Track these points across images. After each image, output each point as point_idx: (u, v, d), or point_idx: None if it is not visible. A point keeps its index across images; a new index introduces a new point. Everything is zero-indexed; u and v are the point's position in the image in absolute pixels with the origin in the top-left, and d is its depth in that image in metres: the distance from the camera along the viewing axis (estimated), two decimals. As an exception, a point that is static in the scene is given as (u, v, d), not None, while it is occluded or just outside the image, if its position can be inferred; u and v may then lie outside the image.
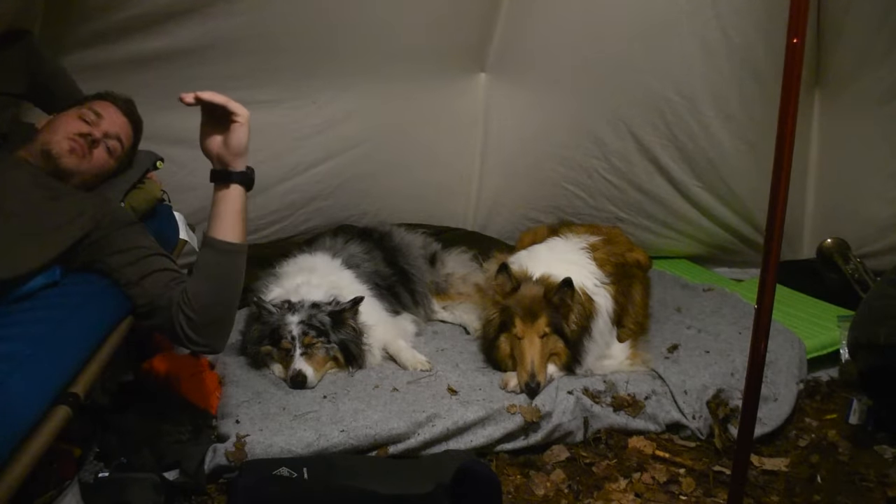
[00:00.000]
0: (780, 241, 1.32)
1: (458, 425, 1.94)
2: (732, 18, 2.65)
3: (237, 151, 1.50)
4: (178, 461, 1.79)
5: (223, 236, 1.53)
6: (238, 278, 1.58)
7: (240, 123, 1.49)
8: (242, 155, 1.52)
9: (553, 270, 2.21)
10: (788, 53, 1.23)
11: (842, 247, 3.00)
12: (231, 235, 1.53)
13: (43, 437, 1.21)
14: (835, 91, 2.99)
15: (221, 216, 1.53)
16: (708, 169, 3.01)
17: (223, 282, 1.56)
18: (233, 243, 1.53)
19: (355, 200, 3.07)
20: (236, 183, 1.53)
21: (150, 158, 2.04)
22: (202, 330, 1.56)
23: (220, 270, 1.55)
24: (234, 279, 1.57)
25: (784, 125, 1.25)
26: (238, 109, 1.48)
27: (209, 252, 1.54)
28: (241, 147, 1.51)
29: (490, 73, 3.05)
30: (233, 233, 1.53)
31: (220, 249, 1.53)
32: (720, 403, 2.12)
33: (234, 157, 1.51)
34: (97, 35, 2.25)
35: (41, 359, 1.31)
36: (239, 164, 1.52)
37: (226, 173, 1.52)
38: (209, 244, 1.54)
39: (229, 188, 1.52)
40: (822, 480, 1.92)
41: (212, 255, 1.54)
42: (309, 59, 2.65)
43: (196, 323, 1.54)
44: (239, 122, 1.48)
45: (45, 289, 1.54)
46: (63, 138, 1.71)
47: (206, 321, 1.55)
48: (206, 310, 1.54)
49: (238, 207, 1.53)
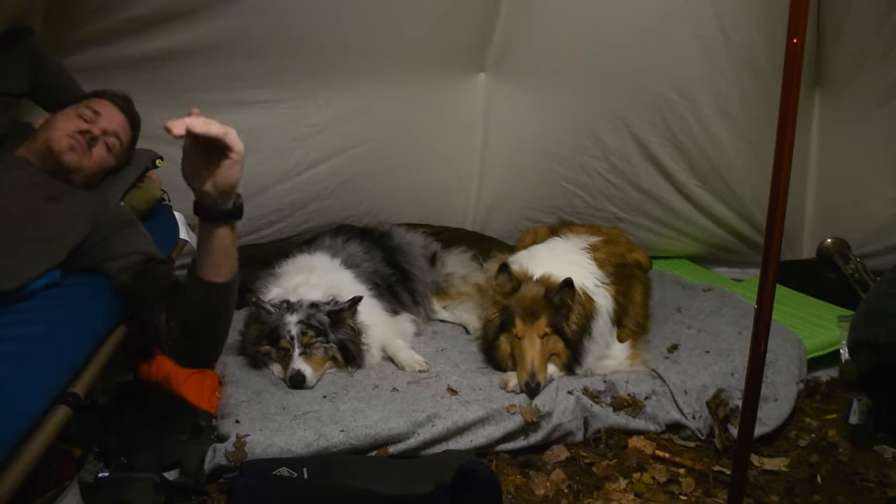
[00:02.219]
0: (780, 241, 1.32)
1: (458, 425, 1.94)
2: (732, 18, 2.65)
3: (227, 190, 1.30)
4: (178, 461, 1.79)
5: (208, 276, 1.41)
6: (223, 311, 1.50)
7: (233, 161, 1.27)
8: (232, 194, 1.32)
9: (553, 270, 2.21)
10: (788, 53, 1.23)
11: (842, 247, 3.00)
12: (215, 275, 1.41)
13: (43, 437, 1.21)
14: (835, 91, 2.99)
15: (206, 254, 1.40)
16: (708, 169, 3.01)
17: (206, 315, 1.49)
18: (216, 283, 1.42)
19: (355, 200, 3.07)
20: (223, 224, 1.36)
21: (150, 157, 2.04)
22: (183, 353, 1.55)
23: (203, 305, 1.47)
24: (219, 313, 1.50)
25: (784, 125, 1.25)
26: (235, 145, 1.25)
27: (193, 285, 1.44)
28: (233, 186, 1.30)
29: (490, 73, 3.05)
30: (217, 272, 1.41)
31: (203, 287, 1.43)
32: (720, 403, 2.12)
33: (223, 196, 1.31)
34: (97, 35, 2.26)
35: (41, 359, 1.31)
36: (226, 203, 1.33)
37: (213, 213, 1.33)
38: (193, 279, 1.43)
39: (215, 228, 1.36)
40: (822, 480, 1.92)
41: (195, 291, 1.44)
42: (309, 60, 2.65)
43: (178, 345, 1.53)
44: (233, 160, 1.27)
45: (45, 289, 1.53)
46: (63, 136, 1.71)
47: (187, 346, 1.54)
48: (188, 336, 1.51)
49: (225, 244, 1.39)
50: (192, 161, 1.28)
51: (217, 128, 1.23)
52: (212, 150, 1.26)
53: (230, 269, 1.43)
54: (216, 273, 1.41)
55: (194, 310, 1.48)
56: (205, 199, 1.32)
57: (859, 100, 2.90)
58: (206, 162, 1.27)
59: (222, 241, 1.39)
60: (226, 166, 1.27)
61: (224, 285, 1.43)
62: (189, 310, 1.48)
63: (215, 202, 1.32)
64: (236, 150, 1.26)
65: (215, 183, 1.29)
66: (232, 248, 1.41)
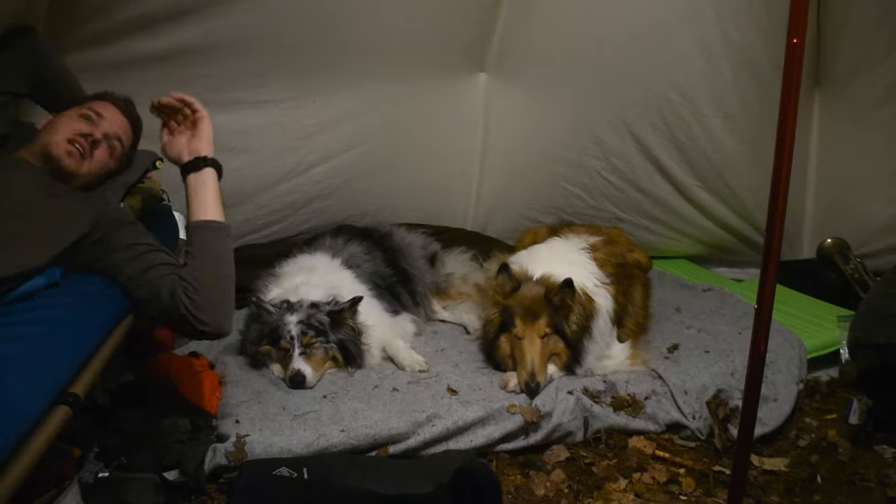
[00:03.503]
0: (780, 241, 1.32)
1: (458, 425, 1.94)
2: (732, 18, 2.65)
3: (206, 139, 1.64)
4: (178, 461, 1.79)
5: (206, 216, 1.60)
6: (229, 257, 1.63)
7: (204, 117, 1.64)
8: (210, 143, 1.64)
9: (553, 270, 2.21)
10: (788, 53, 1.23)
11: (842, 247, 3.00)
12: (213, 215, 1.61)
13: (43, 437, 1.21)
14: (835, 91, 2.99)
15: (202, 201, 1.61)
16: (708, 169, 3.01)
17: (218, 259, 1.60)
18: (219, 222, 1.61)
19: (355, 200, 3.07)
20: (210, 167, 1.62)
21: (150, 158, 2.04)
22: (207, 310, 1.56)
23: (213, 248, 1.59)
24: (227, 257, 1.62)
25: (784, 125, 1.25)
26: (199, 106, 1.64)
27: (199, 233, 1.60)
28: (210, 136, 1.64)
29: (490, 73, 3.05)
30: (214, 212, 1.61)
31: (209, 229, 1.60)
32: (720, 403, 2.12)
33: (204, 146, 1.63)
34: (99, 35, 2.26)
35: (41, 359, 1.31)
36: (208, 150, 1.63)
37: (199, 159, 1.62)
38: (198, 227, 1.60)
39: (203, 172, 1.62)
40: (822, 480, 1.92)
41: (203, 236, 1.60)
42: (309, 59, 2.65)
43: (200, 304, 1.55)
44: (204, 117, 1.63)
45: (45, 289, 1.54)
46: (63, 139, 1.71)
47: (209, 300, 1.56)
48: (207, 289, 1.56)
49: (215, 189, 1.63)
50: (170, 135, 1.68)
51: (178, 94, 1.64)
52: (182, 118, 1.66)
53: (222, 214, 1.64)
54: (213, 213, 1.61)
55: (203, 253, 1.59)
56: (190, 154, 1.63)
57: (859, 100, 2.90)
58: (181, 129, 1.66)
59: (212, 187, 1.62)
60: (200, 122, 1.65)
61: (222, 224, 1.62)
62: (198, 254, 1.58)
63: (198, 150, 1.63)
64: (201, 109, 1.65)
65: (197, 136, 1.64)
66: (220, 196, 1.64)
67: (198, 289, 1.55)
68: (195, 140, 1.64)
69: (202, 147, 1.63)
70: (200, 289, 1.55)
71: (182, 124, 1.67)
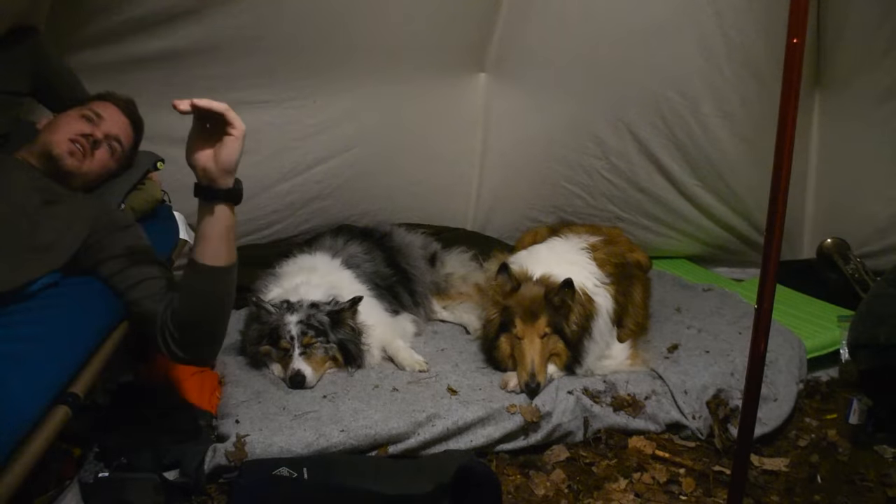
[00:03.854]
0: (780, 241, 1.32)
1: (458, 425, 1.94)
2: (732, 18, 2.65)
3: (227, 167, 1.40)
4: (178, 461, 1.79)
5: (208, 261, 1.45)
6: (225, 297, 1.51)
7: (234, 137, 1.38)
8: (232, 172, 1.41)
9: (553, 271, 2.21)
10: (788, 53, 1.23)
11: (842, 247, 3.00)
12: (215, 259, 1.45)
13: (43, 437, 1.21)
14: (835, 91, 2.99)
15: (206, 238, 1.44)
16: (708, 168, 3.01)
17: (208, 304, 1.50)
18: (217, 267, 1.45)
19: (355, 200, 3.07)
20: (222, 202, 1.43)
21: (151, 159, 2.04)
22: (186, 348, 1.54)
23: (204, 293, 1.49)
24: (220, 299, 1.51)
25: (784, 125, 1.25)
26: (236, 122, 1.38)
27: (193, 275, 1.47)
28: (232, 163, 1.40)
29: (490, 73, 3.05)
30: (217, 256, 1.45)
31: (203, 274, 1.46)
32: (720, 403, 2.12)
33: (223, 174, 1.40)
34: (100, 35, 2.26)
35: (41, 359, 1.31)
36: (226, 181, 1.41)
37: (211, 191, 1.41)
38: (193, 267, 1.47)
39: (215, 207, 1.43)
40: (822, 480, 1.92)
41: (196, 279, 1.47)
42: (309, 60, 2.65)
43: (180, 341, 1.52)
44: (234, 136, 1.38)
45: (45, 289, 1.53)
46: (64, 139, 1.70)
47: (190, 340, 1.53)
48: (190, 329, 1.51)
49: (224, 226, 1.44)
50: (197, 139, 1.40)
51: (218, 104, 1.36)
52: (214, 128, 1.39)
53: (229, 254, 1.47)
54: (216, 257, 1.45)
55: (195, 299, 1.49)
56: (206, 176, 1.41)
57: (859, 100, 2.90)
58: (209, 139, 1.39)
59: (222, 223, 1.44)
60: (227, 143, 1.38)
61: (224, 269, 1.47)
62: (190, 299, 1.49)
63: (216, 179, 1.40)
64: (237, 126, 1.38)
65: (218, 159, 1.39)
66: (231, 231, 1.46)
67: (180, 327, 1.50)
68: (215, 164, 1.39)
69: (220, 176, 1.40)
70: (183, 327, 1.51)
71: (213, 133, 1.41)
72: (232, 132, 1.38)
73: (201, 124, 1.40)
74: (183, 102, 1.33)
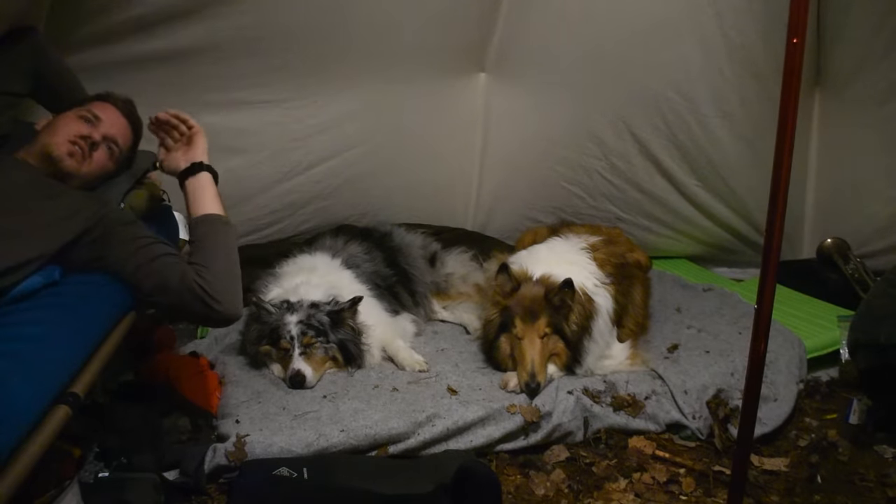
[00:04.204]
0: (780, 241, 1.32)
1: (458, 425, 1.94)
2: (732, 18, 2.65)
3: (201, 151, 1.73)
4: (178, 461, 1.79)
5: (207, 211, 1.67)
6: (233, 246, 1.68)
7: (198, 132, 1.74)
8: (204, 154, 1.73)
9: (553, 271, 2.21)
10: (788, 53, 1.23)
11: (842, 247, 3.00)
12: (213, 209, 1.67)
13: (43, 437, 1.21)
14: (835, 91, 2.99)
15: (200, 198, 1.69)
16: (708, 168, 3.01)
17: (223, 246, 1.65)
18: (218, 214, 1.67)
19: (355, 200, 3.07)
20: (204, 170, 1.71)
21: (150, 159, 2.04)
22: (219, 289, 1.57)
23: (216, 237, 1.65)
24: (231, 245, 1.67)
25: (784, 125, 1.25)
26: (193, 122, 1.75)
27: (202, 226, 1.66)
28: (204, 148, 1.74)
29: (490, 73, 3.05)
30: (216, 209, 1.68)
31: (210, 221, 1.66)
32: (720, 403, 2.12)
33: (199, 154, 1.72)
34: (99, 35, 2.26)
35: (41, 358, 1.31)
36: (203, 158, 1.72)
37: (195, 165, 1.71)
38: (199, 220, 1.66)
39: (200, 177, 1.70)
40: (822, 480, 1.92)
41: (205, 227, 1.65)
42: (309, 60, 2.65)
43: (212, 283, 1.57)
44: (197, 131, 1.74)
45: (44, 288, 1.53)
46: (63, 141, 1.70)
47: (220, 280, 1.59)
48: (216, 272, 1.59)
49: (213, 190, 1.70)
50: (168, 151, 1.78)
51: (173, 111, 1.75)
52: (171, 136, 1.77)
53: (223, 210, 1.70)
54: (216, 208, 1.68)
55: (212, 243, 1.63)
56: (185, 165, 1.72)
57: (859, 100, 2.90)
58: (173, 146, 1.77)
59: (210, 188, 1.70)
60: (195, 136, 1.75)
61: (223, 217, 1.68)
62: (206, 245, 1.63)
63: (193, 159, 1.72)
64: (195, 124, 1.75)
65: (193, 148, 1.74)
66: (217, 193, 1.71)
67: (208, 269, 1.58)
68: (191, 151, 1.73)
69: (197, 156, 1.72)
70: (210, 270, 1.58)
71: (178, 141, 1.77)
72: (195, 129, 1.75)
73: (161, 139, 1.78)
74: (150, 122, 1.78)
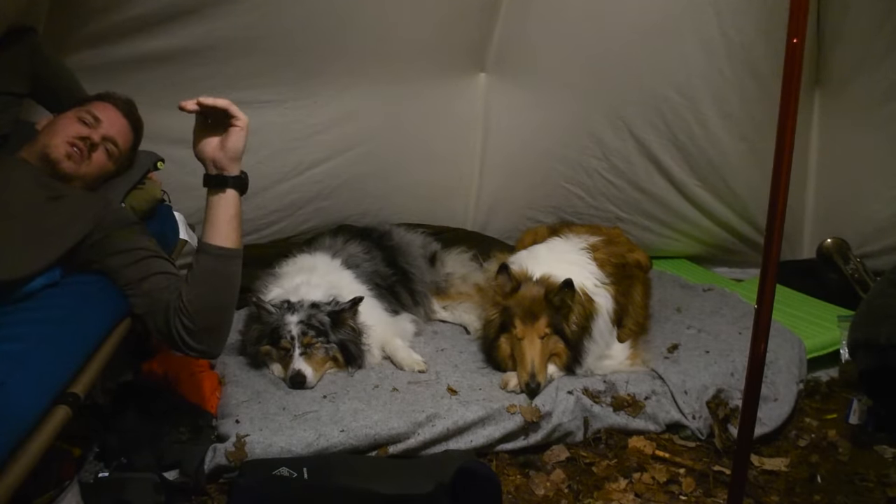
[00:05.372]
0: (780, 241, 1.32)
1: (458, 425, 1.94)
2: (732, 18, 2.65)
3: (234, 155, 1.49)
4: (178, 461, 1.79)
5: (218, 242, 1.51)
6: (234, 282, 1.56)
7: (239, 128, 1.48)
8: (238, 160, 1.51)
9: (553, 271, 2.21)
10: (788, 53, 1.23)
11: (842, 247, 3.00)
12: (225, 241, 1.52)
13: (43, 437, 1.21)
14: (835, 91, 2.99)
15: (216, 222, 1.52)
16: (708, 168, 3.01)
17: (219, 287, 1.54)
18: (227, 248, 1.52)
19: (355, 200, 3.07)
20: (231, 187, 1.51)
21: (151, 159, 2.04)
22: (198, 335, 1.54)
23: (215, 276, 1.53)
24: (230, 284, 1.56)
25: (784, 125, 1.25)
26: (239, 114, 1.47)
27: (204, 258, 1.52)
28: (239, 151, 1.50)
29: (490, 73, 3.05)
30: (227, 238, 1.52)
31: (214, 255, 1.51)
32: (720, 403, 2.12)
33: (231, 162, 1.49)
34: (99, 35, 2.25)
35: (41, 359, 1.31)
36: (234, 169, 1.51)
37: (221, 178, 1.50)
38: (204, 250, 1.52)
39: (224, 193, 1.51)
40: (822, 480, 1.92)
41: (206, 261, 1.52)
42: (309, 60, 2.65)
43: (192, 329, 1.52)
44: (239, 127, 1.48)
45: (45, 289, 1.54)
46: (62, 142, 1.70)
47: (202, 326, 1.53)
48: (202, 315, 1.52)
49: (233, 212, 1.52)
50: (202, 133, 1.50)
51: (222, 101, 1.46)
52: (217, 122, 1.49)
53: (236, 238, 1.54)
54: (226, 239, 1.52)
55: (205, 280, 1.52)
56: (215, 165, 1.50)
57: (859, 100, 2.90)
58: (212, 132, 1.50)
59: (229, 209, 1.52)
60: (233, 133, 1.48)
61: (233, 251, 1.53)
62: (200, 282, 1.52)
63: (224, 168, 1.50)
64: (241, 118, 1.48)
65: (225, 147, 1.48)
66: (238, 217, 1.54)
67: (192, 313, 1.51)
68: (223, 153, 1.49)
69: (228, 164, 1.49)
70: (195, 313, 1.51)
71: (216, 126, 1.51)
72: (236, 123, 1.48)
73: (203, 119, 1.49)
74: (189, 103, 1.43)
